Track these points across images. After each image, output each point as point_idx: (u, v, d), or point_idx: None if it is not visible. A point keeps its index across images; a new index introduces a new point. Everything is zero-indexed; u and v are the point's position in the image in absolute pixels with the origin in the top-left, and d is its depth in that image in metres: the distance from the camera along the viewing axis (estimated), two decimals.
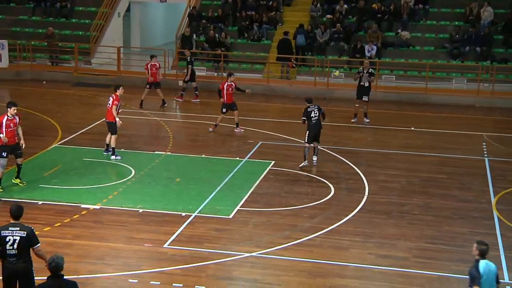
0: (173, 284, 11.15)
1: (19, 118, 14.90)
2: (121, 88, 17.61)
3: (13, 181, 15.26)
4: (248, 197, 15.20)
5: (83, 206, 14.32)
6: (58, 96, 24.70)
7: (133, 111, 22.67)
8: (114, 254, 12.25)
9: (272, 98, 25.69)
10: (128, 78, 26.98)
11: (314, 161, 17.25)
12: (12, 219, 9.32)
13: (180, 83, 25.04)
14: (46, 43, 28.44)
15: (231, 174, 16.62)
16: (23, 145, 15.02)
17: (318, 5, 28.89)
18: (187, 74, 24.33)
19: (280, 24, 28.83)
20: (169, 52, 27.86)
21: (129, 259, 12.07)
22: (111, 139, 17.42)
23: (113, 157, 17.37)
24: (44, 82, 26.99)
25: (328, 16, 28.82)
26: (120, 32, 31.38)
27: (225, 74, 26.84)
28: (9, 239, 9.12)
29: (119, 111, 17.61)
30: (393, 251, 12.62)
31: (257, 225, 13.74)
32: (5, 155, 14.71)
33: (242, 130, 20.39)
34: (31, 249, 9.29)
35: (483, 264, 8.86)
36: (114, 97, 17.35)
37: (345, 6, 28.79)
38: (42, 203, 14.39)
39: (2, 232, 9.18)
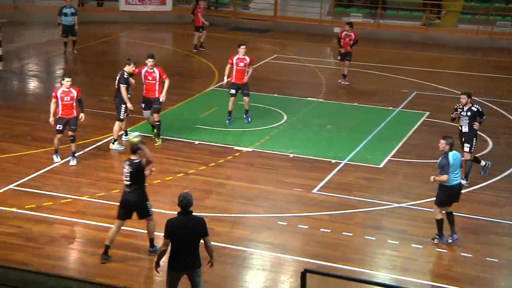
0: (321, 229, 11.32)
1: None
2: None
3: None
4: (400, 147, 14.96)
5: (236, 148, 14.79)
6: (216, 40, 25.37)
7: (287, 57, 22.84)
8: (265, 196, 12.60)
9: (429, 47, 24.78)
10: (284, 24, 27.11)
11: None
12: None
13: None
14: None
15: (383, 123, 16.40)
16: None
17: None
18: None
19: None
20: None
21: (278, 202, 12.37)
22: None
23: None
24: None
25: None
26: None
27: (381, 21, 26.30)
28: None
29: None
30: None
31: (408, 176, 13.54)
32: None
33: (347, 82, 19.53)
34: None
35: (451, 154, 10.56)
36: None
37: None
38: (199, 143, 15.01)
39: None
